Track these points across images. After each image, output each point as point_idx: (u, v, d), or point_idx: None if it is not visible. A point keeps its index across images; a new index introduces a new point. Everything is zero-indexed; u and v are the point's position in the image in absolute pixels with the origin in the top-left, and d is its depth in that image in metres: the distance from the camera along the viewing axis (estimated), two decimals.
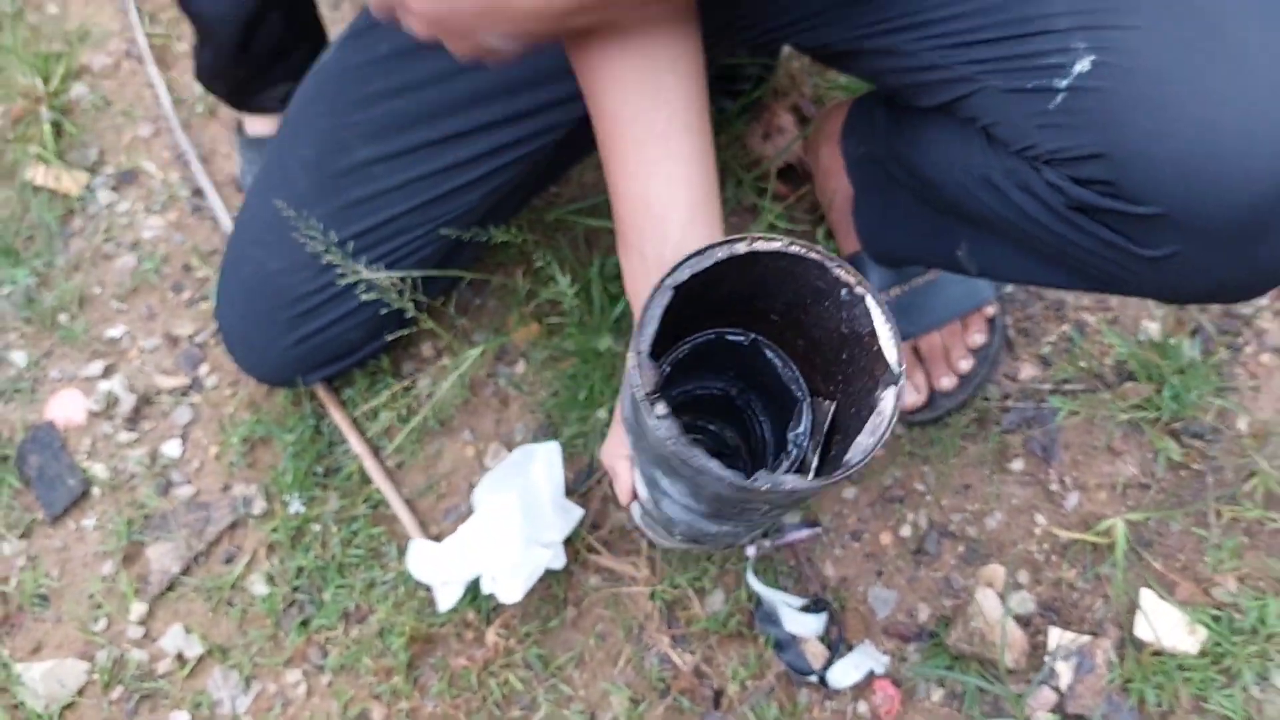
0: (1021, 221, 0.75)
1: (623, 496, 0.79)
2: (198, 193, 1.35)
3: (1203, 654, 1.01)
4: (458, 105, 0.94)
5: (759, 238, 0.61)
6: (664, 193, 0.71)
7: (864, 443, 0.60)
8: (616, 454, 0.79)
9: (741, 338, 0.72)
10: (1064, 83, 0.67)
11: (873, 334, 0.62)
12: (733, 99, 1.30)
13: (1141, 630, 1.02)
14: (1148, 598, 1.04)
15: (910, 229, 0.98)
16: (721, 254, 0.60)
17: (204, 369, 1.23)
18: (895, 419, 0.60)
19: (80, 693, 1.06)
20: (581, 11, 0.64)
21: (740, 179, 1.27)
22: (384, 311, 1.05)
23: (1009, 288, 1.20)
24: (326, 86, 1.01)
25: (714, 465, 0.57)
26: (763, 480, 0.57)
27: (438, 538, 1.10)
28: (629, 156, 0.71)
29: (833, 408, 0.68)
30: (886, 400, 0.60)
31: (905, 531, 1.10)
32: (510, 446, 1.15)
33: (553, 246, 1.21)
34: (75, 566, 1.12)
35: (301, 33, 1.24)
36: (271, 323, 1.05)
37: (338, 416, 1.16)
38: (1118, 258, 0.70)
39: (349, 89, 0.98)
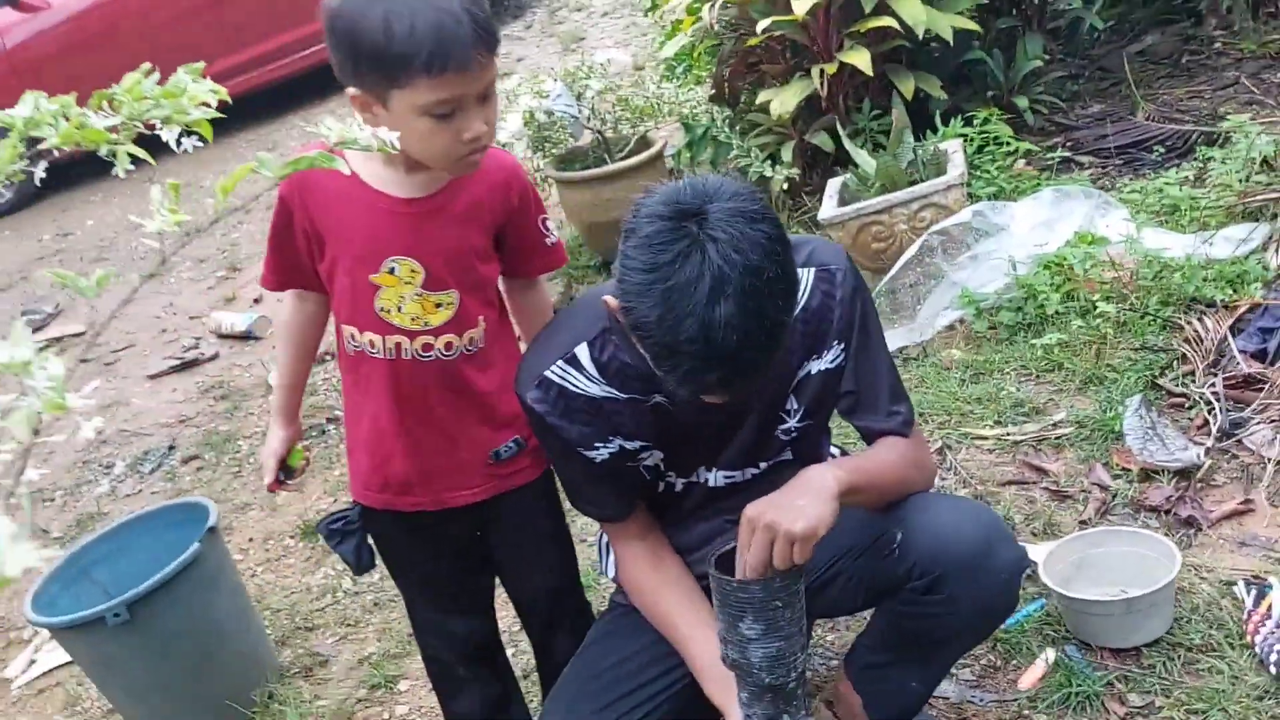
0: (921, 621, 1.59)
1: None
2: None
3: None
4: (657, 659, 1.76)
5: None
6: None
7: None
8: (723, 696, 1.56)
9: None
10: (895, 545, 1.57)
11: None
12: None
13: None
14: None
15: (891, 691, 1.78)
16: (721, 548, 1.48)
17: None
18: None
19: None
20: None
21: None
22: None
23: None
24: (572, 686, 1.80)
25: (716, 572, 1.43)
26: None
27: None
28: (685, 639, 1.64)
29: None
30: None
31: None
32: None
33: None
34: None
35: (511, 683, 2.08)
36: None
37: None
38: (945, 609, 1.55)
39: (593, 682, 1.85)
